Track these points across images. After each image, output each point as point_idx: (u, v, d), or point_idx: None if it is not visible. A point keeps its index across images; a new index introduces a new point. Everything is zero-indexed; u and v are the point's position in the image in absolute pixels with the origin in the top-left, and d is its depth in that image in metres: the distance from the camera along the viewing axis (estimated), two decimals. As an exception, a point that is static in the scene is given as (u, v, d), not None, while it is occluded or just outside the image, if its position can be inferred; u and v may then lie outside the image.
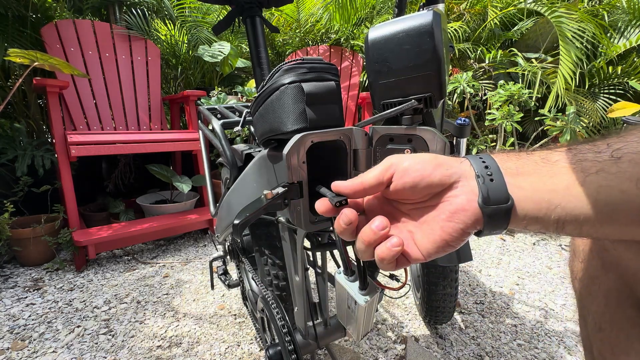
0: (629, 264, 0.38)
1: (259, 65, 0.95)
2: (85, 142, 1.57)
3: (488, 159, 0.31)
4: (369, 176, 0.34)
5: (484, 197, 0.30)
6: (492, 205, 0.29)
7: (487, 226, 0.30)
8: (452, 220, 0.31)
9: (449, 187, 0.32)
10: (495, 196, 0.29)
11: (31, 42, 1.98)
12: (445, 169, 0.32)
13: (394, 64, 0.41)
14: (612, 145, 0.28)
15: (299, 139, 0.41)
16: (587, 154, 0.28)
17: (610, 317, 0.42)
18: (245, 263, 0.95)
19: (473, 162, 0.32)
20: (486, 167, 0.31)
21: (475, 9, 2.67)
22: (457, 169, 0.32)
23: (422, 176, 0.32)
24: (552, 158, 0.30)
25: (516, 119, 1.94)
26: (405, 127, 0.42)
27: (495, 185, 0.30)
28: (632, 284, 0.38)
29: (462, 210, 0.30)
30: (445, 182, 0.32)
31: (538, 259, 1.73)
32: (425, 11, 0.39)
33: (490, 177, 0.30)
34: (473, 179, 0.31)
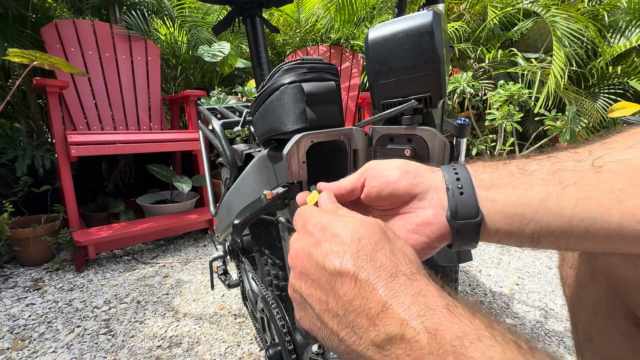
0: (620, 272, 0.36)
1: (259, 65, 0.95)
2: (85, 142, 1.57)
3: (461, 170, 0.30)
4: (345, 181, 0.34)
5: (452, 212, 0.28)
6: (460, 220, 0.28)
7: (456, 241, 0.29)
8: (417, 232, 0.30)
9: (417, 198, 0.30)
10: (464, 210, 0.28)
11: (31, 42, 1.98)
12: (413, 178, 0.30)
13: (394, 64, 0.40)
14: (594, 152, 0.26)
15: (299, 139, 0.41)
16: (566, 162, 0.27)
17: (600, 326, 0.41)
18: (245, 263, 0.95)
19: (445, 172, 0.30)
20: (457, 179, 0.29)
21: (475, 9, 2.67)
22: (426, 179, 0.31)
23: (387, 183, 0.31)
24: (529, 168, 0.28)
25: (516, 119, 1.94)
26: (405, 127, 0.42)
27: (465, 199, 0.28)
28: (623, 294, 0.37)
29: (427, 224, 0.29)
30: (411, 192, 0.30)
31: (538, 259, 1.73)
32: (425, 11, 0.39)
33: (461, 190, 0.28)
34: (443, 191, 0.29)
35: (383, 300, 0.22)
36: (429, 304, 0.21)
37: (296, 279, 0.28)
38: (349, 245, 0.25)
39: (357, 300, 0.23)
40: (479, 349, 0.19)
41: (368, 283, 0.23)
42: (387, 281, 0.23)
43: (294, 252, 0.29)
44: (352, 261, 0.24)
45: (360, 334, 0.23)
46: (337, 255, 0.25)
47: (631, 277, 0.35)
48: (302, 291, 0.27)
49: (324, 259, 0.25)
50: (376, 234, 0.26)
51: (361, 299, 0.23)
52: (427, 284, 0.23)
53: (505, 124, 1.97)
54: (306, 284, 0.27)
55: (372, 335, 0.22)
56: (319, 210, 0.31)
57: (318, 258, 0.26)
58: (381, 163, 0.33)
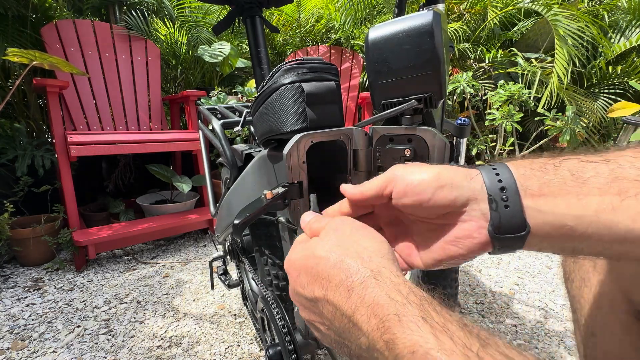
0: (623, 268, 0.36)
1: (259, 65, 0.95)
2: (85, 142, 1.57)
3: (505, 176, 0.27)
4: (368, 187, 0.32)
5: (496, 226, 0.26)
6: (504, 234, 0.26)
7: (497, 251, 0.28)
8: (455, 244, 0.28)
9: (455, 212, 0.28)
10: (509, 225, 0.26)
11: (31, 42, 1.98)
12: (449, 191, 0.27)
13: (394, 64, 0.40)
14: None
15: (299, 139, 0.41)
16: (627, 169, 0.23)
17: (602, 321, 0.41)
18: (245, 263, 0.95)
19: (487, 179, 0.27)
20: (502, 188, 0.26)
21: (475, 9, 2.67)
22: (465, 190, 0.28)
23: (420, 202, 0.28)
24: (585, 174, 0.25)
25: (516, 119, 1.94)
26: (405, 127, 0.42)
27: (510, 212, 0.26)
28: (626, 289, 0.37)
29: (468, 237, 0.28)
30: (447, 208, 0.28)
31: (538, 259, 1.73)
32: (425, 11, 0.39)
33: (505, 203, 0.26)
34: (485, 202, 0.27)
35: (349, 316, 0.24)
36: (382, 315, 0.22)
37: (301, 311, 0.31)
38: (311, 272, 0.27)
39: (336, 319, 0.26)
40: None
41: (335, 303, 0.25)
42: (346, 298, 0.25)
43: (290, 291, 0.32)
44: (319, 288, 0.27)
45: (350, 344, 0.25)
46: (309, 286, 0.28)
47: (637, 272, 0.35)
48: (305, 317, 0.30)
49: (303, 291, 0.28)
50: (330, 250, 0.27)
51: (338, 318, 0.25)
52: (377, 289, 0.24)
53: (505, 124, 1.97)
54: (304, 312, 0.30)
55: (356, 344, 0.25)
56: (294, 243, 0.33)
57: (300, 292, 0.29)
58: (409, 174, 0.30)
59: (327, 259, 0.27)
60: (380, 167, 0.45)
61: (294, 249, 0.32)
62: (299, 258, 0.30)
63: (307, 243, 0.31)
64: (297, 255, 0.31)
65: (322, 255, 0.27)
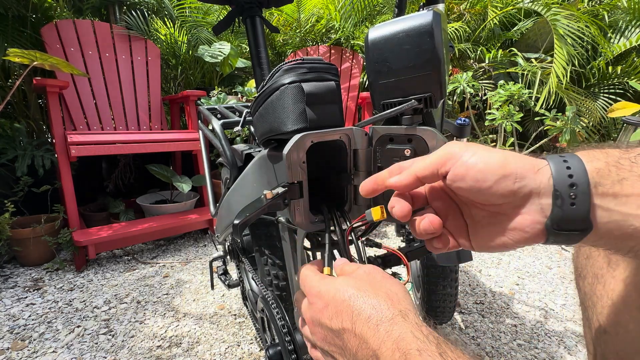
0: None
1: (259, 65, 0.94)
2: (85, 142, 1.57)
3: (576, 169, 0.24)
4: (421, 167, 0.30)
5: (555, 222, 0.25)
6: (563, 230, 0.25)
7: (548, 242, 0.27)
8: (504, 235, 0.27)
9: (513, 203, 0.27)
10: (571, 222, 0.24)
11: (31, 42, 1.98)
12: (512, 183, 0.26)
13: (394, 64, 0.40)
14: None
15: (299, 139, 0.41)
16: None
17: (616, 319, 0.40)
18: (245, 263, 0.95)
19: (555, 172, 0.25)
20: (572, 185, 0.24)
21: (475, 9, 2.67)
22: (529, 182, 0.26)
23: (479, 188, 0.27)
24: None
25: (516, 119, 1.94)
26: (405, 127, 0.42)
27: (576, 211, 0.24)
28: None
29: (519, 230, 0.26)
30: (507, 198, 0.26)
31: (538, 259, 1.73)
32: (425, 11, 0.39)
33: (573, 201, 0.24)
34: (547, 197, 0.25)
35: (374, 349, 0.27)
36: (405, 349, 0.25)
37: (317, 340, 0.33)
38: (342, 305, 0.30)
39: (360, 352, 0.28)
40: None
41: (363, 335, 0.28)
42: (374, 331, 0.27)
43: (308, 320, 0.34)
44: (348, 320, 0.29)
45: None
46: (337, 317, 0.30)
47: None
48: (323, 347, 0.32)
49: (329, 322, 0.31)
50: (361, 288, 0.30)
51: (362, 350, 0.28)
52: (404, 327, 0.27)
53: (505, 124, 1.97)
54: (323, 342, 0.32)
55: None
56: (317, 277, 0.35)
57: (326, 323, 0.31)
58: (470, 155, 0.27)
59: (359, 296, 0.29)
60: (380, 167, 0.45)
61: (322, 282, 0.34)
62: (329, 291, 0.32)
63: (338, 279, 0.33)
64: (326, 287, 0.32)
65: (354, 292, 0.30)
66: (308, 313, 0.34)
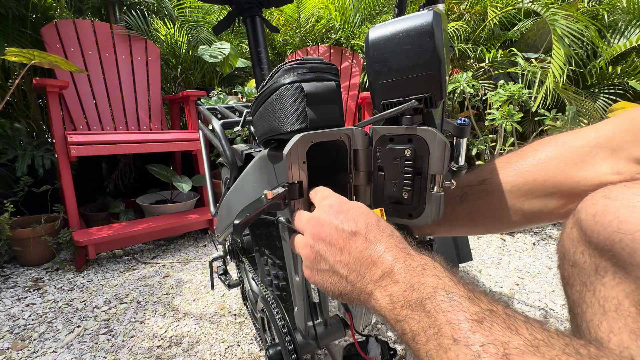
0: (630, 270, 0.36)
1: (259, 65, 0.95)
2: (85, 142, 1.57)
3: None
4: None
5: None
6: None
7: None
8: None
9: None
10: None
11: (31, 42, 1.98)
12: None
13: (394, 64, 0.40)
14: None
15: (299, 139, 0.41)
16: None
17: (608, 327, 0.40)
18: (245, 263, 0.95)
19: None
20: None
21: (475, 9, 2.67)
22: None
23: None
24: None
25: (516, 119, 1.94)
26: (405, 127, 0.42)
27: None
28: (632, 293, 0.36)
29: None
30: None
31: (538, 259, 1.73)
32: (425, 11, 0.39)
33: None
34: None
35: (382, 250, 0.33)
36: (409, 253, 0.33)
37: (314, 240, 0.37)
38: (360, 217, 0.36)
39: (365, 251, 0.34)
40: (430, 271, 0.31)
41: (374, 240, 0.34)
42: (386, 239, 0.34)
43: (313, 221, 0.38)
44: (363, 226, 0.35)
45: (364, 273, 0.33)
46: (353, 222, 0.36)
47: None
48: (319, 248, 0.37)
49: (342, 224, 0.36)
50: (377, 216, 0.37)
51: (367, 251, 0.34)
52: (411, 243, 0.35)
53: (505, 124, 1.97)
54: (324, 243, 0.36)
55: (372, 273, 0.33)
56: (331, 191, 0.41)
57: (338, 224, 0.36)
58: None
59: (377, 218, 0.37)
60: (380, 167, 0.45)
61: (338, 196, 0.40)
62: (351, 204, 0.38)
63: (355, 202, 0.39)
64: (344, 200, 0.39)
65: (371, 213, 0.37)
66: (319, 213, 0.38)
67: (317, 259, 0.37)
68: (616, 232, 0.34)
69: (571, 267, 0.45)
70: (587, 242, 0.39)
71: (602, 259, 0.38)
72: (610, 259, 0.37)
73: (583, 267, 0.42)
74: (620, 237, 0.34)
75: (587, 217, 0.37)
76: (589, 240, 0.38)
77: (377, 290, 0.32)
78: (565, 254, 0.45)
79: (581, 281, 0.43)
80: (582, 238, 0.39)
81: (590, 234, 0.37)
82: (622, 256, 0.34)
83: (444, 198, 0.43)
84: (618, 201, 0.35)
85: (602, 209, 0.36)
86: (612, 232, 0.34)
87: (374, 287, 0.33)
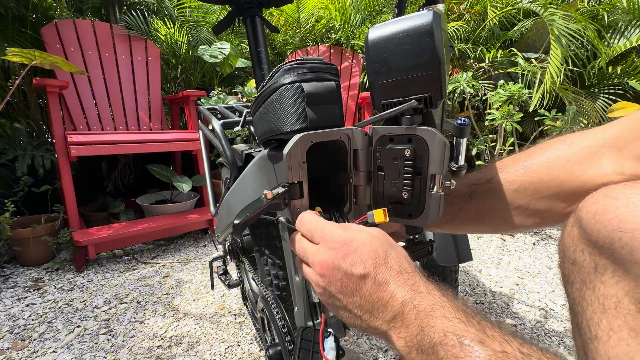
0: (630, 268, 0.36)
1: (259, 65, 0.95)
2: (85, 142, 1.57)
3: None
4: None
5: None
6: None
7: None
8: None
9: None
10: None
11: (31, 42, 1.98)
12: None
13: (394, 64, 0.40)
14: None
15: (299, 139, 0.41)
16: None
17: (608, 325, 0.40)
18: (245, 263, 0.95)
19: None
20: None
21: (475, 9, 2.67)
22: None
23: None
24: None
25: (516, 119, 1.94)
26: (405, 127, 0.42)
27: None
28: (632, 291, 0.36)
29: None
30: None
31: (538, 259, 1.73)
32: (425, 11, 0.39)
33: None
34: None
35: (392, 291, 0.34)
36: (419, 290, 0.33)
37: (326, 283, 0.37)
38: (368, 255, 0.35)
39: (375, 294, 0.34)
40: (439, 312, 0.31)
41: (384, 281, 0.34)
42: (395, 278, 0.34)
43: (324, 263, 0.37)
44: (372, 267, 0.35)
45: (377, 314, 0.34)
46: (361, 264, 0.35)
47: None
48: (331, 290, 0.37)
49: (350, 267, 0.35)
50: (385, 244, 0.36)
51: (377, 293, 0.34)
52: (419, 277, 0.35)
53: (505, 124, 1.97)
54: (334, 287, 0.36)
55: (384, 314, 0.34)
56: (333, 225, 0.39)
57: (346, 268, 0.35)
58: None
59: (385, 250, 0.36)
60: (380, 167, 0.45)
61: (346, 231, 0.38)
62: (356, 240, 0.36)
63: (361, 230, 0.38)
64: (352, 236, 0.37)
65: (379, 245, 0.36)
66: (325, 256, 0.37)
67: (330, 297, 0.38)
68: (616, 231, 0.34)
69: (571, 265, 0.45)
70: (587, 241, 0.39)
71: (602, 257, 0.38)
72: (609, 257, 0.37)
73: (583, 265, 0.42)
74: (619, 236, 0.34)
75: (588, 216, 0.37)
76: (589, 238, 0.38)
77: (391, 332, 0.33)
78: (566, 252, 0.45)
79: (581, 279, 0.43)
80: (582, 236, 0.39)
81: (590, 232, 0.37)
82: (622, 254, 0.34)
83: (443, 198, 0.43)
84: (618, 200, 0.35)
85: (602, 207, 0.36)
86: (611, 230, 0.34)
87: (387, 328, 0.33)
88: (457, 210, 0.56)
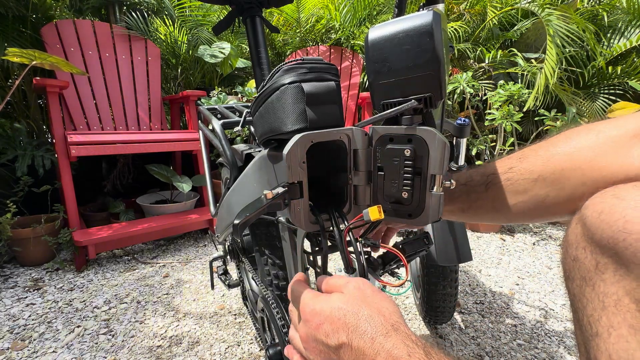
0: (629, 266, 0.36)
1: (259, 65, 0.95)
2: (85, 142, 1.57)
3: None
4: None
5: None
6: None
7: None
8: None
9: None
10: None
11: (31, 43, 1.98)
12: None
13: (394, 64, 0.40)
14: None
15: (299, 139, 0.41)
16: None
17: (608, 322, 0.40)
18: (245, 263, 0.95)
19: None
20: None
21: (475, 9, 2.67)
22: None
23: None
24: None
25: (516, 119, 1.95)
26: (405, 127, 0.42)
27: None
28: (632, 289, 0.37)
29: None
30: None
31: (538, 259, 1.73)
32: (425, 11, 0.39)
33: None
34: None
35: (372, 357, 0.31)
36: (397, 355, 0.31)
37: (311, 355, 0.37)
38: (338, 322, 0.34)
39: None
40: None
41: (359, 348, 0.32)
42: (370, 344, 0.32)
43: (303, 336, 0.38)
44: (345, 335, 0.33)
45: None
46: (334, 334, 0.34)
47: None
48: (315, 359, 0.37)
49: (326, 339, 0.34)
50: (356, 304, 0.35)
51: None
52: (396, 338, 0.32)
53: (505, 124, 1.97)
54: (319, 357, 0.36)
55: None
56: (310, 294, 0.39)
57: (322, 339, 0.35)
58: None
59: (354, 313, 0.34)
60: (380, 167, 0.45)
61: (317, 300, 0.37)
62: (324, 309, 0.36)
63: (332, 297, 0.37)
64: (321, 306, 0.36)
65: (349, 309, 0.34)
66: (303, 329, 0.38)
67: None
68: (621, 232, 0.34)
69: (572, 262, 0.45)
70: (589, 239, 0.39)
71: (604, 255, 0.38)
72: (611, 257, 0.37)
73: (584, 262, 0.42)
74: (624, 237, 0.34)
75: (593, 215, 0.37)
76: (592, 237, 0.38)
77: None
78: (568, 248, 0.45)
79: (581, 276, 0.43)
80: (585, 234, 0.39)
81: (594, 232, 0.37)
82: (625, 254, 0.34)
83: (443, 198, 0.43)
84: (626, 201, 0.35)
85: (609, 207, 0.36)
86: (616, 230, 0.34)
87: None
88: (474, 199, 0.55)
